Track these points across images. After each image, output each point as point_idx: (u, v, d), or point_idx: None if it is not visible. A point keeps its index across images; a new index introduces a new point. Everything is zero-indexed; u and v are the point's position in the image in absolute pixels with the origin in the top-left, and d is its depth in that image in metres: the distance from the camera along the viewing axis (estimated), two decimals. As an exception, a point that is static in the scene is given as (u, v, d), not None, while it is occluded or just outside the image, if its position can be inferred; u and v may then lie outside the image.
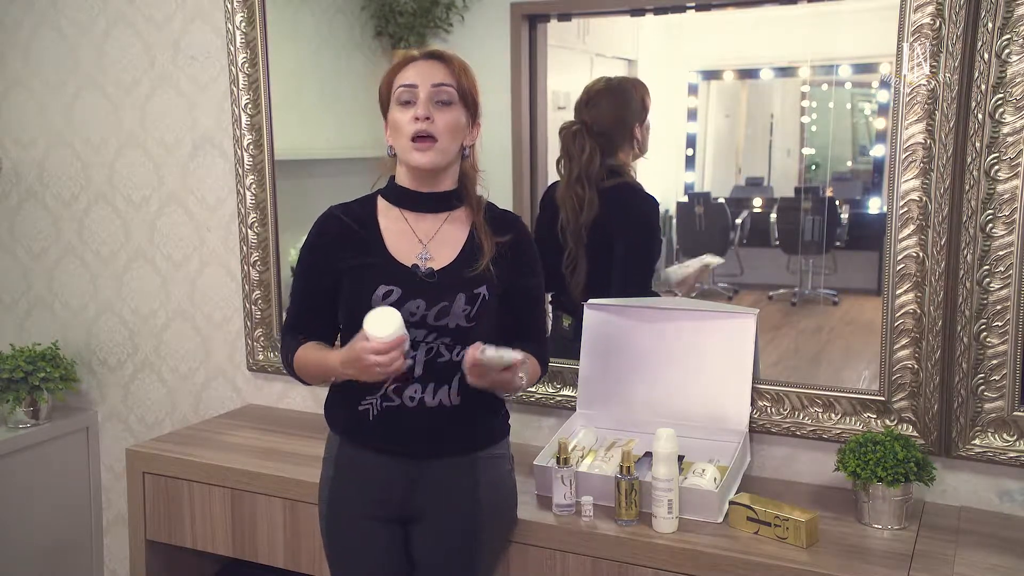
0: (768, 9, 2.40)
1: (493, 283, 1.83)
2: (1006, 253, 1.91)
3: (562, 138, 2.34)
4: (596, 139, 2.30)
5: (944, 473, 2.03)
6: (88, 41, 2.91)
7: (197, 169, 2.81)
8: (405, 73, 1.80)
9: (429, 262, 1.82)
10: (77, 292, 3.07)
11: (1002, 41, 1.86)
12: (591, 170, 2.30)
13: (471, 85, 1.82)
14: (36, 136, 3.05)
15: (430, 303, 1.78)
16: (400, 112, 1.80)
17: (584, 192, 2.31)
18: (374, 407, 1.82)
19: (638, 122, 2.33)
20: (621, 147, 2.33)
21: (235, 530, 2.29)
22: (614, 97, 2.34)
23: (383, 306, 1.73)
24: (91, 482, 3.10)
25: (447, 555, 1.86)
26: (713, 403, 2.14)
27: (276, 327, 2.71)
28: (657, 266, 2.39)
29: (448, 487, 1.84)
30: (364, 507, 1.86)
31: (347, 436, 1.89)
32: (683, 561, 1.81)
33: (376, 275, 1.80)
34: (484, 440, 1.88)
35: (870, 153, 2.34)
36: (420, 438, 1.82)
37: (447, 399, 1.81)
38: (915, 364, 2.01)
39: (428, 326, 1.78)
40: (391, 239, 1.85)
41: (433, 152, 1.78)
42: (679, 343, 2.18)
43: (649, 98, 2.34)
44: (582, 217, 2.31)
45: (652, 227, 2.39)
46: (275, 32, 2.60)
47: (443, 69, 1.80)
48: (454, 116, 1.79)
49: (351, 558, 1.89)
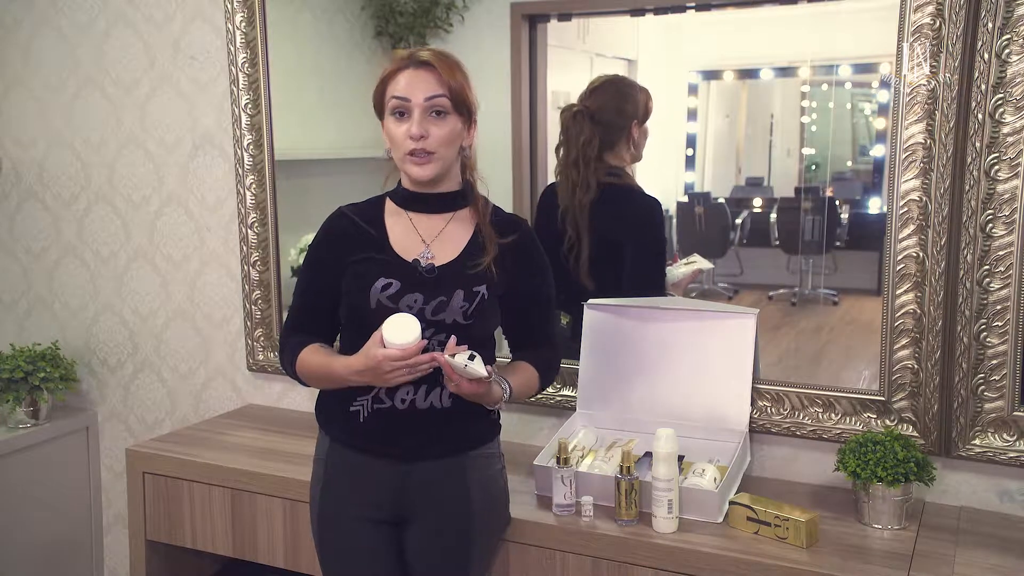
0: (768, 9, 2.40)
1: (493, 283, 1.82)
2: (1006, 253, 1.91)
3: (562, 120, 2.34)
4: (595, 125, 2.30)
5: (944, 473, 2.03)
6: (88, 41, 2.91)
7: (197, 169, 2.81)
8: (396, 83, 1.79)
9: (431, 259, 1.83)
10: (77, 292, 3.07)
11: (1002, 41, 1.86)
12: (588, 152, 2.30)
13: (464, 88, 1.79)
14: (36, 136, 3.05)
15: (428, 297, 1.78)
16: (394, 124, 1.79)
17: (579, 174, 2.31)
18: (365, 408, 1.82)
19: (637, 120, 2.33)
20: (618, 142, 2.32)
21: (235, 530, 2.29)
22: (618, 88, 2.35)
23: (402, 313, 1.73)
24: (91, 482, 3.10)
25: (440, 555, 1.86)
26: (713, 403, 2.14)
27: (276, 327, 2.71)
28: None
29: (439, 487, 1.84)
30: (355, 508, 1.86)
31: (337, 437, 1.89)
32: (683, 561, 1.81)
33: (377, 268, 1.81)
34: (475, 440, 1.88)
35: (870, 153, 2.34)
36: (411, 439, 1.82)
37: (438, 401, 1.80)
38: (915, 364, 2.01)
39: (425, 320, 1.77)
40: (396, 236, 1.86)
41: (431, 165, 1.79)
42: (679, 343, 2.18)
43: (652, 103, 2.34)
44: (577, 198, 2.31)
45: (658, 229, 2.39)
46: (275, 32, 2.60)
47: (434, 79, 1.77)
48: (449, 126, 1.78)
49: (342, 559, 1.89)
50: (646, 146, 2.35)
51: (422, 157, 1.77)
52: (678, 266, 2.39)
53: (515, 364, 1.92)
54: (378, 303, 1.78)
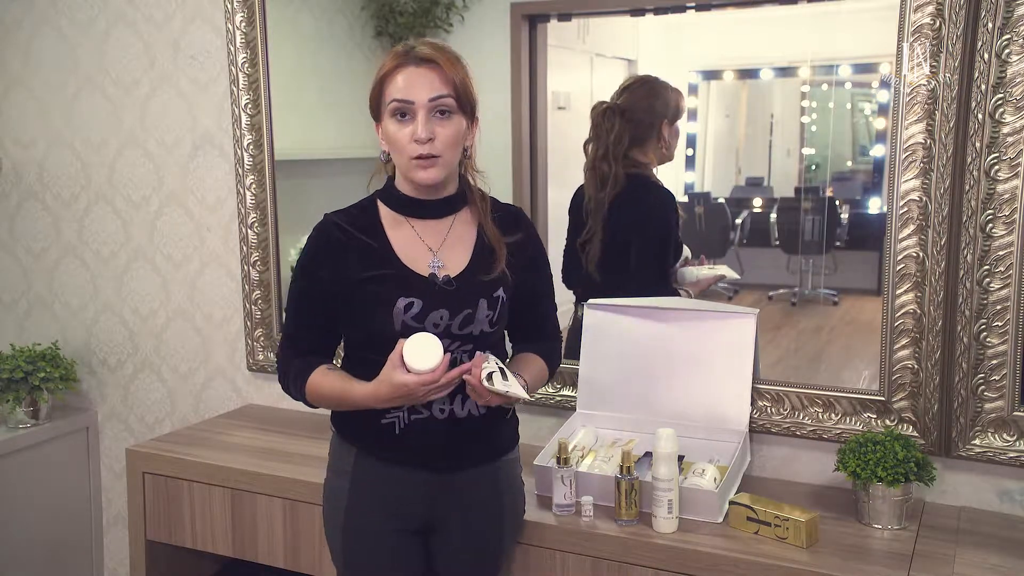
0: (768, 9, 2.40)
1: (508, 283, 1.79)
2: (1006, 253, 1.91)
3: (593, 117, 2.35)
4: (625, 123, 2.31)
5: (944, 473, 2.03)
6: (88, 41, 2.91)
7: (197, 169, 2.81)
8: (396, 83, 1.68)
9: (443, 270, 1.75)
10: (77, 292, 3.07)
11: (1002, 41, 1.86)
12: (618, 149, 2.31)
13: (467, 84, 1.70)
14: (36, 136, 3.05)
15: (453, 312, 1.72)
16: (396, 126, 1.69)
17: (609, 169, 2.32)
18: (401, 420, 1.75)
19: (667, 119, 2.34)
20: (647, 140, 2.34)
21: (235, 530, 2.29)
22: (649, 87, 2.36)
23: (418, 333, 1.65)
24: (91, 482, 3.10)
25: (472, 562, 1.85)
26: (713, 403, 2.14)
27: (276, 327, 2.71)
28: (679, 265, 2.40)
29: (473, 495, 1.82)
30: (386, 520, 1.81)
31: (367, 449, 1.81)
32: (683, 561, 1.81)
33: (393, 288, 1.71)
34: (506, 447, 1.87)
35: (870, 153, 2.34)
36: (452, 448, 1.78)
37: (475, 409, 1.77)
38: (915, 364, 2.01)
39: (452, 335, 1.72)
40: (401, 248, 1.76)
41: (437, 168, 1.70)
42: (679, 343, 2.18)
43: (683, 103, 2.36)
44: (604, 193, 2.32)
45: (668, 222, 2.39)
46: (275, 32, 2.60)
47: (437, 77, 1.67)
48: (454, 127, 1.69)
49: (371, 571, 1.85)
50: (675, 149, 2.37)
51: (429, 161, 1.68)
52: (702, 268, 2.38)
53: (524, 357, 1.88)
54: (403, 324, 1.69)
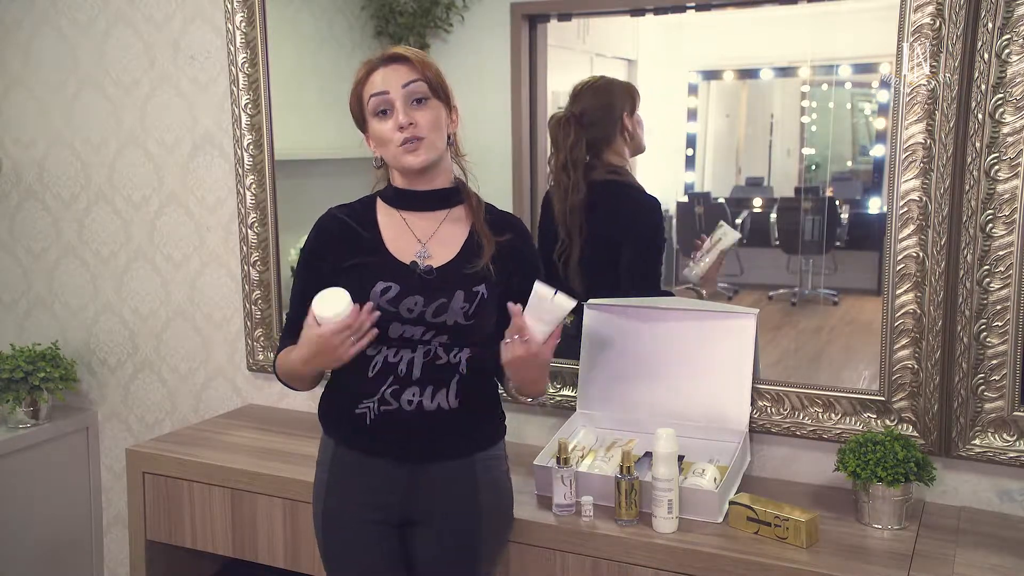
0: (768, 9, 2.40)
1: (492, 282, 1.82)
2: (1006, 253, 1.91)
3: (551, 128, 2.35)
4: (584, 128, 2.30)
5: (944, 473, 2.03)
6: (88, 41, 2.91)
7: (197, 169, 2.81)
8: (372, 83, 1.80)
9: (428, 260, 1.82)
10: (77, 292, 3.07)
11: (1002, 41, 1.86)
12: (576, 156, 2.30)
13: (438, 73, 1.81)
14: (36, 136, 3.05)
15: (428, 299, 1.77)
16: (380, 123, 1.79)
17: (570, 178, 2.31)
18: (371, 411, 1.81)
19: (626, 111, 2.33)
20: (613, 139, 2.32)
21: (235, 530, 2.29)
22: (599, 88, 2.35)
23: (326, 289, 1.73)
24: (91, 482, 3.10)
25: (448, 557, 1.86)
26: (713, 403, 2.14)
27: (276, 327, 2.71)
28: (683, 270, 2.39)
29: (447, 489, 1.84)
30: (361, 511, 1.85)
31: (343, 440, 1.88)
32: (683, 561, 1.81)
33: (374, 272, 1.79)
34: (483, 443, 1.88)
35: (870, 153, 2.34)
36: (419, 441, 1.81)
37: (445, 402, 1.80)
38: (915, 364, 2.01)
39: (426, 323, 1.77)
40: (390, 238, 1.84)
41: (423, 150, 1.78)
42: (679, 343, 2.18)
43: (637, 93, 2.34)
44: (569, 201, 2.32)
45: (657, 229, 2.39)
46: (275, 32, 2.60)
47: (407, 68, 1.78)
48: (433, 111, 1.79)
49: (349, 562, 1.88)
50: (644, 138, 2.35)
51: (414, 144, 1.77)
52: (700, 258, 2.35)
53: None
54: (378, 307, 1.77)
